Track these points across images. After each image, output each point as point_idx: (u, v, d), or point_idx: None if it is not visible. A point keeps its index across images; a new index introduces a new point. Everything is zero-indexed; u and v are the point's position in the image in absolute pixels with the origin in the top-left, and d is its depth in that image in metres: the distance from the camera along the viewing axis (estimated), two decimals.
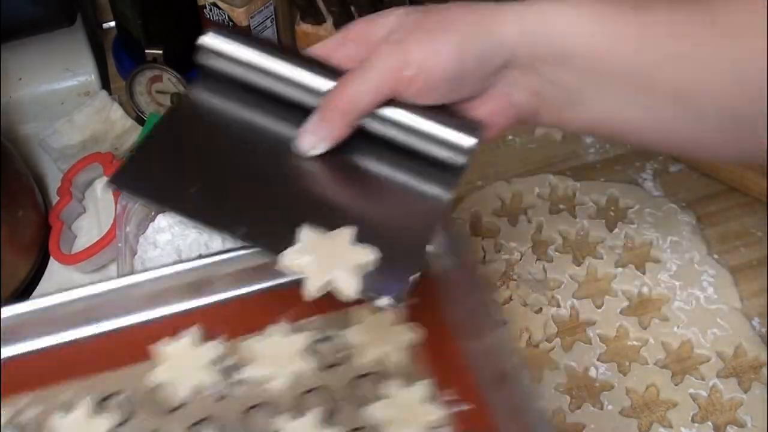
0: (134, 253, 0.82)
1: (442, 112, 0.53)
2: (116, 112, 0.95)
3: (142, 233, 0.84)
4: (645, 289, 0.82)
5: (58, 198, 0.87)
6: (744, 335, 0.79)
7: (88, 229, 0.89)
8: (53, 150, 0.93)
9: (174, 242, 0.83)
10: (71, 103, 0.96)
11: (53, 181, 0.92)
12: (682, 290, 0.82)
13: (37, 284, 0.85)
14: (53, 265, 0.86)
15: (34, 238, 0.85)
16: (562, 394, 0.75)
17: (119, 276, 0.74)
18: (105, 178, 0.90)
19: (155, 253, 0.82)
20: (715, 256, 0.84)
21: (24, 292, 0.84)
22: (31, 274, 0.84)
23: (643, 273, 0.83)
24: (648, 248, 0.85)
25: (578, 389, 0.76)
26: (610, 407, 0.75)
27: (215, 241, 0.82)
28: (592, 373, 0.77)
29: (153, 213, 0.85)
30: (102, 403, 0.60)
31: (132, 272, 0.79)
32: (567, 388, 0.76)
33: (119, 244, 0.80)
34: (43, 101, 0.97)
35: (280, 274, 0.57)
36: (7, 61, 0.95)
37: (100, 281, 0.64)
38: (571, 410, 0.75)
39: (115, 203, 0.83)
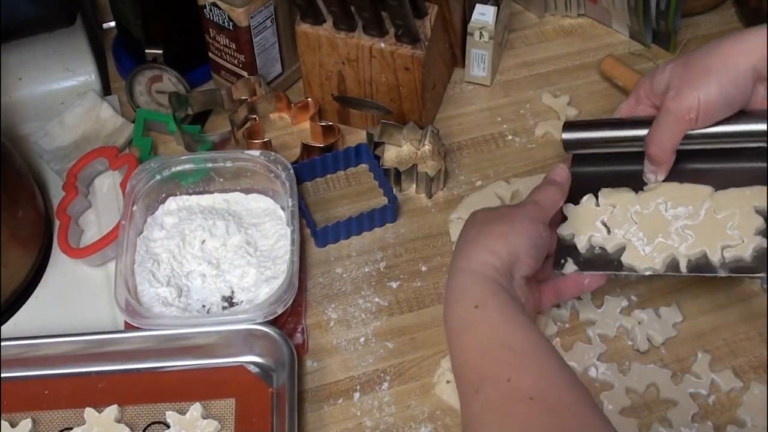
0: (139, 232, 0.83)
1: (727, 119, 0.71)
2: (106, 111, 0.96)
3: (151, 214, 0.85)
4: (644, 289, 0.82)
5: (65, 193, 0.88)
6: (744, 334, 0.79)
7: (94, 223, 0.89)
8: (45, 152, 0.93)
9: (180, 226, 0.85)
10: (71, 103, 0.96)
11: (53, 180, 0.92)
12: None
13: (39, 282, 0.85)
14: (54, 263, 0.86)
15: (35, 237, 0.85)
16: None
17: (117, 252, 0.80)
18: (110, 172, 0.91)
19: (161, 234, 0.84)
20: None
21: (25, 291, 0.84)
22: (32, 272, 0.84)
23: None
24: None
25: None
26: (610, 407, 0.75)
27: (219, 228, 0.83)
28: (592, 373, 0.77)
29: (164, 195, 0.86)
30: None
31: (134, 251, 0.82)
32: None
33: (123, 222, 0.81)
34: (43, 101, 0.97)
35: None
36: (7, 61, 0.95)
37: None
38: None
39: (123, 193, 0.84)
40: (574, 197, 0.77)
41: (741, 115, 0.72)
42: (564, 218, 0.76)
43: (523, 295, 0.69)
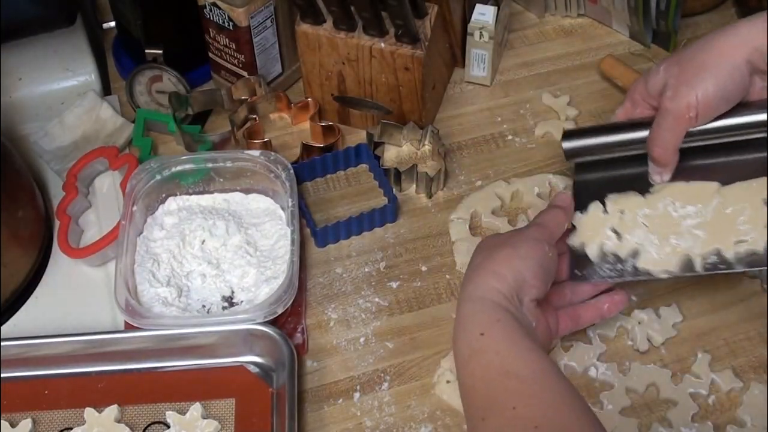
0: (139, 232, 0.83)
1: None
2: (106, 111, 0.96)
3: (151, 214, 0.86)
4: (644, 289, 0.82)
5: (65, 193, 0.88)
6: (744, 334, 0.79)
7: (94, 223, 0.89)
8: (45, 152, 0.93)
9: (180, 226, 0.85)
10: (71, 103, 0.96)
11: (53, 180, 0.92)
12: None
13: (39, 282, 0.85)
14: (54, 263, 0.86)
15: (35, 237, 0.85)
16: None
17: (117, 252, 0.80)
18: (111, 172, 0.91)
19: (161, 234, 0.84)
20: None
21: (25, 291, 0.84)
22: (32, 272, 0.84)
23: None
24: None
25: (578, 389, 0.76)
26: (610, 407, 0.75)
27: (219, 228, 0.83)
28: (592, 373, 0.77)
29: (164, 195, 0.86)
30: None
31: (134, 252, 0.82)
32: None
33: (123, 222, 0.81)
34: (43, 101, 0.97)
35: None
36: (7, 61, 0.95)
37: None
38: None
39: (123, 193, 0.85)
40: (580, 206, 0.77)
41: (740, 108, 0.72)
42: (573, 228, 0.76)
43: (534, 319, 0.68)
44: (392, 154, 0.94)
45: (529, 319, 0.68)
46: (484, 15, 0.94)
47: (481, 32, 0.95)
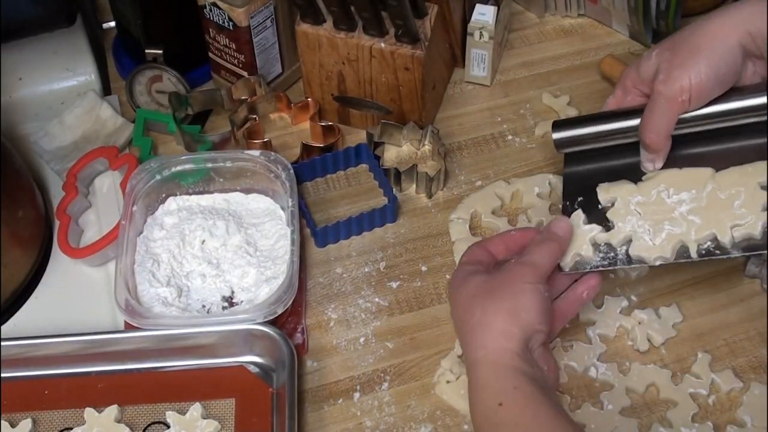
0: (139, 232, 0.83)
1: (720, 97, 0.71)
2: (106, 111, 0.96)
3: (151, 214, 0.86)
4: (644, 289, 0.82)
5: (64, 193, 0.88)
6: (744, 334, 0.79)
7: (94, 223, 0.89)
8: (45, 152, 0.93)
9: (180, 226, 0.85)
10: (71, 103, 0.96)
11: (53, 180, 0.92)
12: None
13: (39, 282, 0.85)
14: (54, 263, 0.86)
15: (35, 237, 0.85)
16: (562, 394, 0.75)
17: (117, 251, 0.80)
18: (110, 172, 0.91)
19: (161, 234, 0.84)
20: None
21: (25, 291, 0.84)
22: (32, 272, 0.84)
23: None
24: None
25: (578, 389, 0.76)
26: (610, 407, 0.75)
27: (219, 228, 0.83)
28: (592, 373, 0.77)
29: (164, 195, 0.86)
30: None
31: (134, 251, 0.82)
32: (567, 388, 0.76)
33: (123, 222, 0.81)
34: (43, 101, 0.97)
35: None
36: (7, 61, 0.95)
37: None
38: (571, 410, 0.75)
39: (123, 193, 0.85)
40: (569, 198, 0.76)
41: (733, 93, 0.71)
42: None
43: (545, 363, 0.68)
44: (392, 154, 0.94)
45: (540, 366, 0.67)
46: (484, 15, 0.94)
47: (481, 32, 0.95)
